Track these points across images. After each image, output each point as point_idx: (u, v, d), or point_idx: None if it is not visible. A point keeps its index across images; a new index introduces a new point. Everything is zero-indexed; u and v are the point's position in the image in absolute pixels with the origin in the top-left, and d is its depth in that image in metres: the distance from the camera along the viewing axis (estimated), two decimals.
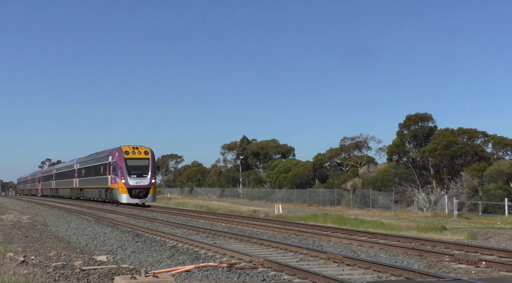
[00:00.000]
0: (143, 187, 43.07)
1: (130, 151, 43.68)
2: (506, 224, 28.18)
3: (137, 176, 42.91)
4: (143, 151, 44.15)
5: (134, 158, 43.39)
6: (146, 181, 43.27)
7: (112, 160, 44.53)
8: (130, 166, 43.07)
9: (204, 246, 15.89)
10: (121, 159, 43.19)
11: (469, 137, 56.70)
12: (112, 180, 44.50)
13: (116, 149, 44.72)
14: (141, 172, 43.34)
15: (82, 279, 10.25)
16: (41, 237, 19.85)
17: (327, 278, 10.38)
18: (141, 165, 43.48)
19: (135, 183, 42.81)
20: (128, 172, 42.74)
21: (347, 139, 71.09)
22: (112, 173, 44.35)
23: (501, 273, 11.94)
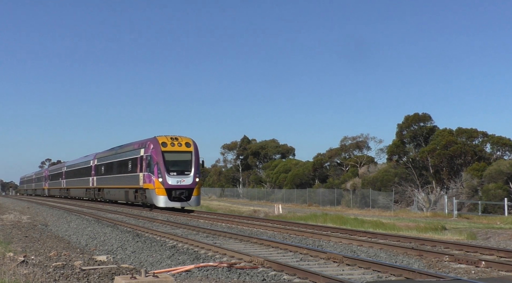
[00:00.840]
0: (185, 188, 34.36)
1: (168, 142, 35.13)
2: (505, 224, 28.20)
3: (177, 174, 34.46)
4: (184, 142, 35.63)
5: (173, 151, 34.99)
6: (188, 179, 34.58)
7: (145, 154, 36.05)
8: (169, 161, 34.63)
9: (204, 246, 15.89)
10: (158, 153, 34.68)
11: (468, 137, 56.75)
12: (145, 179, 35.80)
13: (150, 140, 36.06)
14: (183, 168, 34.89)
15: (82, 279, 10.26)
16: (41, 237, 19.85)
17: (327, 278, 10.38)
18: (182, 160, 35.20)
19: (175, 182, 34.23)
20: (166, 169, 34.22)
21: (348, 138, 71.15)
22: (145, 170, 35.93)
23: (501, 273, 11.95)
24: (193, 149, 35.34)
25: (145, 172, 35.76)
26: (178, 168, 34.68)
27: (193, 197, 34.58)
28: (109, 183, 46.10)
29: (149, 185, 34.91)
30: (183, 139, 35.76)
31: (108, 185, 46.30)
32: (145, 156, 35.89)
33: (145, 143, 36.64)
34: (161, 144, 34.82)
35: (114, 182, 44.06)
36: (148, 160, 35.38)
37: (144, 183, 35.78)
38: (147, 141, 36.54)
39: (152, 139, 35.80)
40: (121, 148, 43.77)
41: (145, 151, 36.13)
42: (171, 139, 35.35)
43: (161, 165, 34.23)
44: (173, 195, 33.98)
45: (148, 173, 35.23)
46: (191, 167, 34.89)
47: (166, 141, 35.08)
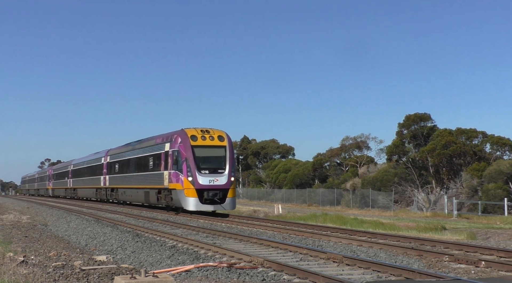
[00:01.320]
0: (219, 188, 29.55)
1: (198, 135, 30.45)
2: (505, 224, 28.21)
3: (209, 172, 29.68)
4: (216, 135, 30.85)
5: (204, 145, 30.26)
6: (223, 179, 29.75)
7: (172, 149, 31.31)
8: (200, 158, 29.90)
9: (204, 246, 15.89)
10: (187, 147, 29.94)
11: (468, 137, 56.77)
12: (171, 178, 31.04)
13: (178, 133, 31.32)
14: (216, 166, 30.20)
15: (82, 279, 10.26)
16: (41, 237, 19.86)
17: (327, 278, 10.38)
18: (215, 156, 30.47)
19: (208, 182, 29.37)
20: (196, 166, 29.46)
21: (349, 138, 71.16)
22: (171, 168, 31.12)
23: (500, 273, 11.95)
24: (227, 144, 30.69)
25: (171, 170, 31.01)
26: (210, 166, 30.04)
27: (228, 199, 29.73)
28: (124, 182, 41.30)
29: (176, 185, 30.14)
30: (215, 131, 31.09)
31: (124, 184, 41.54)
32: (171, 151, 31.18)
33: (171, 137, 31.94)
34: (190, 137, 30.12)
35: (131, 182, 39.30)
36: (175, 156, 30.64)
37: (170, 182, 31.03)
38: (173, 134, 31.87)
39: (180, 132, 31.13)
40: (140, 143, 39.13)
41: (171, 146, 31.42)
42: (201, 131, 30.69)
43: (190, 161, 29.50)
44: (205, 197, 29.23)
45: (175, 171, 30.45)
46: (225, 164, 30.11)
47: (196, 134, 30.41)
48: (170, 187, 31.02)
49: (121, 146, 44.98)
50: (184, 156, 29.76)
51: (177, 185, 30.08)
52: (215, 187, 29.43)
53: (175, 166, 30.47)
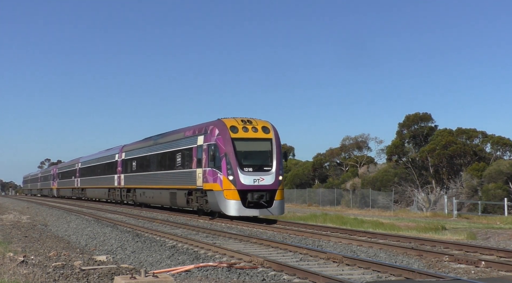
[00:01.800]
0: (265, 189, 24.99)
1: (239, 126, 25.81)
2: (505, 224, 28.21)
3: (253, 170, 25.12)
4: (260, 126, 26.15)
5: (247, 138, 25.66)
6: (269, 178, 25.13)
7: (207, 143, 26.57)
8: (242, 153, 25.37)
9: (204, 246, 15.90)
10: (226, 140, 25.32)
11: (468, 137, 56.80)
12: (206, 176, 26.27)
13: (215, 124, 26.56)
14: (261, 162, 25.58)
15: (82, 279, 10.26)
16: (41, 237, 19.86)
17: (327, 278, 10.39)
18: (260, 151, 25.91)
19: (252, 181, 24.80)
20: (238, 163, 24.92)
21: (349, 138, 71.18)
22: (206, 164, 26.39)
23: (500, 273, 11.96)
24: (273, 136, 26.01)
25: (206, 168, 26.25)
26: (254, 162, 25.46)
27: (276, 202, 25.04)
28: (143, 182, 36.79)
29: (214, 185, 25.53)
30: (259, 122, 26.46)
31: (142, 184, 37.00)
32: (206, 145, 26.47)
33: (205, 128, 27.27)
34: (230, 128, 25.50)
35: (152, 181, 34.80)
36: (211, 151, 25.86)
37: (205, 182, 26.35)
38: (208, 125, 27.21)
39: (217, 123, 26.42)
40: (164, 137, 34.39)
41: (206, 139, 26.69)
42: (242, 122, 26.08)
43: (231, 157, 24.92)
44: (249, 200, 24.65)
45: (211, 169, 25.74)
46: (272, 160, 25.51)
47: (237, 125, 25.79)
48: (205, 188, 26.36)
49: (139, 141, 40.17)
50: (223, 150, 25.19)
51: (214, 185, 25.47)
52: (260, 188, 24.86)
53: (211, 163, 25.80)
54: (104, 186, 47.74)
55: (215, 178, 25.49)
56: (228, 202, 24.75)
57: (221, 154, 25.24)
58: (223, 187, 24.90)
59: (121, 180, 42.49)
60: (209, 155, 26.10)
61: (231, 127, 25.61)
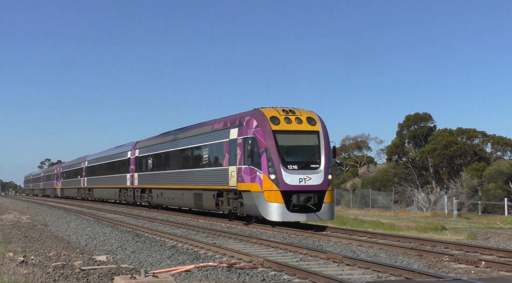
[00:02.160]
0: (312, 190, 21.50)
1: (281, 117, 22.35)
2: (505, 224, 28.23)
3: (299, 168, 21.64)
4: (305, 117, 22.67)
5: (290, 131, 22.24)
6: (317, 177, 21.61)
7: (242, 136, 23.03)
8: (285, 148, 21.91)
9: (204, 246, 15.90)
10: (267, 133, 21.84)
11: (468, 137, 56.84)
12: (242, 175, 22.71)
13: (252, 115, 23.02)
14: (307, 159, 22.12)
15: (82, 279, 10.26)
16: (41, 237, 19.86)
17: (327, 278, 10.39)
18: (306, 146, 22.45)
19: (297, 181, 21.34)
20: (281, 160, 21.47)
21: (349, 138, 71.21)
22: (242, 161, 22.83)
23: (500, 273, 11.95)
24: (321, 128, 22.51)
25: (241, 165, 22.76)
26: (300, 159, 22.02)
27: (325, 206, 21.55)
28: (161, 182, 33.39)
29: (252, 185, 22.00)
30: (303, 112, 22.96)
31: (160, 184, 33.67)
32: (242, 140, 23.00)
33: (240, 120, 23.60)
34: (271, 120, 22.08)
35: (173, 181, 31.31)
36: (248, 145, 22.35)
37: (240, 182, 22.73)
38: (244, 116, 23.54)
39: (255, 113, 22.88)
40: (186, 131, 30.66)
41: (241, 132, 23.13)
42: (283, 112, 22.65)
43: (273, 153, 21.44)
44: (294, 202, 21.11)
45: (249, 167, 22.22)
46: (319, 156, 22.05)
47: (278, 116, 22.35)
48: (240, 189, 22.78)
49: (156, 137, 36.80)
50: (263, 145, 21.69)
51: (252, 185, 21.94)
52: (307, 189, 21.39)
53: (248, 160, 22.28)
54: (114, 186, 44.21)
55: (253, 177, 21.89)
56: (270, 205, 21.22)
57: (260, 149, 21.74)
58: (264, 188, 21.39)
59: (134, 180, 38.69)
60: (245, 150, 22.54)
61: (271, 118, 22.17)
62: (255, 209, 21.90)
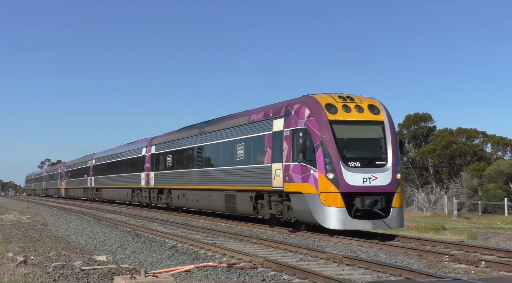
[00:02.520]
0: (379, 192, 18.21)
1: (338, 105, 18.89)
2: (505, 224, 28.20)
3: (362, 165, 18.34)
4: (366, 105, 19.29)
5: (350, 121, 18.86)
6: (384, 176, 18.41)
7: (290, 128, 19.53)
8: (344, 141, 18.64)
9: (204, 246, 15.90)
10: (322, 124, 18.47)
11: (468, 137, 56.84)
12: (290, 174, 19.18)
13: (303, 102, 19.56)
14: (372, 154, 18.86)
15: (81, 279, 10.26)
16: (41, 237, 19.86)
17: (327, 278, 10.39)
18: (369, 139, 19.25)
19: (361, 181, 18.08)
20: (341, 155, 18.16)
21: None
22: (289, 158, 19.37)
23: (500, 273, 11.95)
24: (386, 118, 19.18)
25: (289, 162, 19.19)
26: (362, 154, 18.67)
27: (394, 210, 18.12)
28: (183, 181, 29.84)
29: (303, 186, 18.47)
30: (363, 99, 19.50)
31: (182, 184, 30.06)
32: (290, 132, 19.39)
33: (287, 108, 20.01)
34: (326, 108, 18.60)
35: (198, 181, 27.71)
36: (300, 138, 18.73)
37: (288, 182, 19.21)
38: (292, 104, 19.95)
39: (306, 100, 19.41)
40: (215, 124, 26.87)
41: (288, 123, 19.62)
42: (340, 98, 19.10)
43: (330, 147, 18.01)
44: (358, 206, 17.69)
45: (299, 164, 18.68)
46: (386, 151, 18.75)
47: (334, 103, 18.84)
48: (287, 190, 19.30)
49: (176, 131, 33.31)
50: (318, 138, 18.23)
51: (304, 186, 18.45)
52: (373, 190, 18.00)
53: (298, 156, 18.76)
54: (126, 186, 40.62)
55: (305, 176, 18.43)
56: (328, 210, 17.70)
57: (314, 143, 18.23)
58: (320, 189, 17.90)
59: (150, 179, 35.09)
60: (294, 144, 19.02)
61: (327, 106, 18.66)
62: (308, 215, 18.41)
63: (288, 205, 19.72)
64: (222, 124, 25.82)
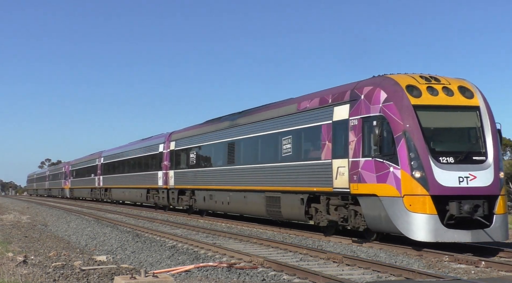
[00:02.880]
0: (479, 194, 14.54)
1: (422, 87, 15.40)
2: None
3: (456, 161, 14.69)
4: (455, 86, 15.80)
5: (437, 106, 15.32)
6: (485, 175, 14.68)
7: (359, 115, 16.10)
8: (431, 130, 15.15)
9: (204, 246, 15.90)
10: (404, 109, 15.01)
11: None
12: (361, 172, 15.73)
13: (377, 83, 16.04)
14: (467, 147, 15.25)
15: (82, 279, 10.27)
16: (41, 237, 19.86)
17: (327, 278, 10.39)
18: (463, 128, 15.74)
19: (456, 181, 14.43)
20: (429, 149, 14.63)
21: None
22: (359, 152, 15.90)
23: (500, 273, 11.95)
24: (481, 102, 15.69)
25: (359, 157, 15.80)
26: (456, 148, 15.20)
27: (497, 218, 14.62)
28: (210, 181, 26.38)
29: (381, 187, 15.08)
30: (452, 80, 16.11)
31: (208, 184, 26.68)
32: (360, 120, 15.97)
33: (355, 91, 16.54)
34: (407, 90, 15.27)
35: (229, 180, 24.43)
36: (375, 127, 15.28)
37: (356, 181, 15.80)
38: (361, 85, 16.50)
39: (382, 81, 15.99)
40: (251, 115, 23.39)
41: (356, 109, 16.19)
42: (423, 79, 15.76)
43: (416, 138, 14.69)
44: (454, 213, 14.31)
45: (374, 160, 15.31)
46: (484, 143, 15.19)
47: (417, 84, 15.49)
48: (355, 191, 15.88)
49: (200, 125, 29.59)
50: (399, 127, 14.89)
51: (381, 187, 15.04)
52: (471, 193, 14.51)
53: (372, 149, 15.38)
54: (140, 186, 37.38)
55: (382, 174, 15.02)
56: (414, 217, 14.37)
57: (395, 134, 14.89)
58: (403, 191, 14.55)
59: (168, 178, 31.89)
60: (365, 136, 15.72)
61: (408, 88, 15.28)
62: (386, 223, 15.06)
63: (355, 210, 16.23)
64: (261, 115, 22.38)
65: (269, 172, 20.94)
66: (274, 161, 20.67)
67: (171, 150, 32.11)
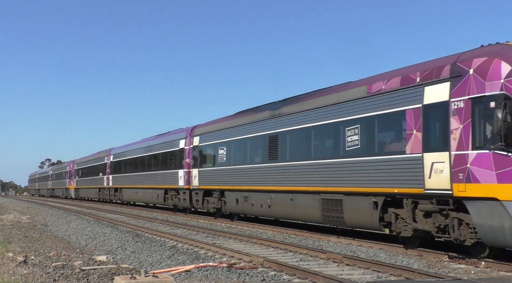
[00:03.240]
0: None
1: None
2: None
3: None
4: None
5: None
6: None
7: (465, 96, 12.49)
8: None
9: (204, 246, 15.91)
10: None
11: None
12: (468, 168, 12.22)
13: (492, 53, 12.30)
14: None
15: (82, 279, 10.27)
16: (41, 237, 19.86)
17: (327, 278, 10.39)
18: None
19: None
20: None
21: None
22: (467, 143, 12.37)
23: (500, 273, 11.96)
24: None
25: (466, 150, 12.50)
26: None
27: None
28: (244, 180, 23.23)
29: (504, 188, 11.64)
30: None
31: (241, 184, 23.51)
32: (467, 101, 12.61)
33: (458, 65, 13.06)
34: None
35: (269, 180, 21.12)
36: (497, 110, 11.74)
37: (463, 181, 12.41)
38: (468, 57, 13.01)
39: (500, 50, 12.41)
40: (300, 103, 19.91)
41: (460, 88, 12.78)
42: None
43: None
44: None
45: (492, 152, 11.90)
46: None
47: None
48: (460, 194, 12.57)
49: (229, 117, 26.26)
50: None
51: (504, 188, 11.70)
52: None
53: (489, 140, 12.12)
54: (156, 186, 34.18)
55: (507, 172, 11.67)
56: None
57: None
58: None
59: (191, 178, 28.69)
60: (477, 121, 12.44)
61: None
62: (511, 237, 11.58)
63: (460, 218, 13.00)
64: (315, 101, 18.78)
65: (327, 169, 17.58)
66: (334, 156, 17.32)
67: (194, 146, 28.81)
